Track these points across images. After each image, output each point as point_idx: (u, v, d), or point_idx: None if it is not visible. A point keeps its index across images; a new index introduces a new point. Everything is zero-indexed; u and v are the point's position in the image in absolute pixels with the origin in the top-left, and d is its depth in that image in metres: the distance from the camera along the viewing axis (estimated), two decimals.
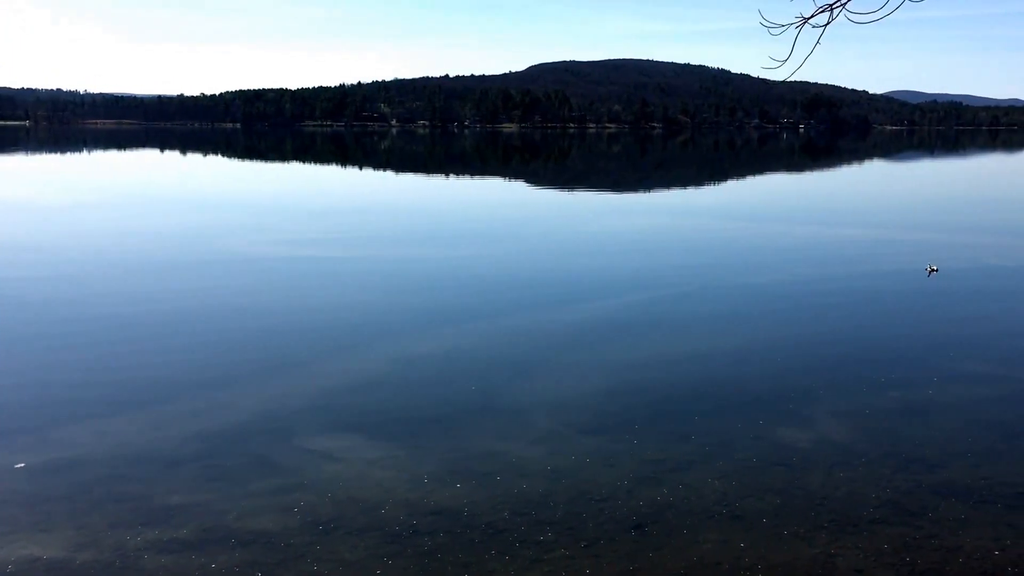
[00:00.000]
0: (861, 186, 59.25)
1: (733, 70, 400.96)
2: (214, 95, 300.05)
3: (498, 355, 13.96)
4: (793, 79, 7.05)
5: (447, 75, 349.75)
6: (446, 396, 11.83)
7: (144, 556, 7.63)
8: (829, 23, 6.53)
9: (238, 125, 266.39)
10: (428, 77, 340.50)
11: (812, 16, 6.50)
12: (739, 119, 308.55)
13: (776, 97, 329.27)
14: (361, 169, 73.32)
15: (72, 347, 14.03)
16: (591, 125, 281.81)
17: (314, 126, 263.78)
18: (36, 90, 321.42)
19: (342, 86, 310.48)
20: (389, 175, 66.87)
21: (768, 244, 27.32)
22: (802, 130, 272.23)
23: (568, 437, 10.39)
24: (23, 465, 9.45)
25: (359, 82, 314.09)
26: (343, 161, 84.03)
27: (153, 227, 29.65)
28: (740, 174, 71.03)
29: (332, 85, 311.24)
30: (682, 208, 40.93)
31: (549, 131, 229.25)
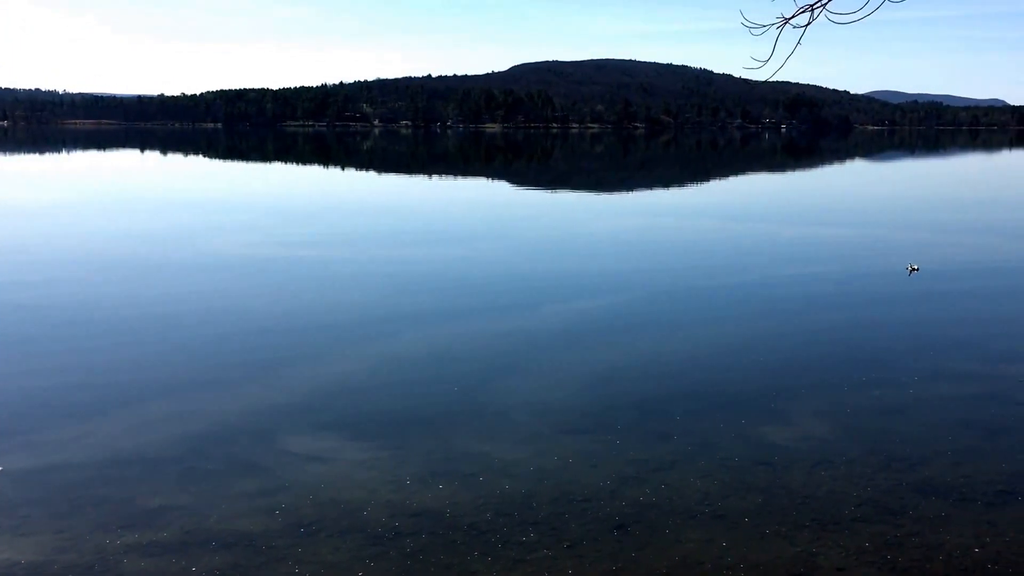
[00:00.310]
0: (842, 186, 59.56)
1: (715, 70, 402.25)
2: (195, 95, 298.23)
3: (481, 356, 13.95)
4: (775, 79, 7.06)
5: (429, 75, 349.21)
6: (428, 397, 11.81)
7: (124, 559, 7.57)
8: (810, 23, 6.57)
9: (219, 125, 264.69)
10: (411, 77, 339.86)
11: (793, 16, 6.54)
12: (721, 119, 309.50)
13: (758, 97, 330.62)
14: (343, 170, 73.14)
15: (52, 349, 13.92)
16: (574, 125, 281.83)
17: (296, 126, 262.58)
18: (14, 90, 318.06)
19: (324, 86, 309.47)
20: (372, 176, 66.76)
21: (749, 244, 27.42)
22: (784, 130, 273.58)
23: (550, 437, 10.38)
24: (1, 469, 9.35)
25: (341, 82, 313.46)
26: (325, 162, 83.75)
27: (131, 229, 29.43)
28: (722, 174, 71.31)
29: (314, 85, 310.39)
30: (665, 208, 41.04)
31: (532, 131, 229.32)
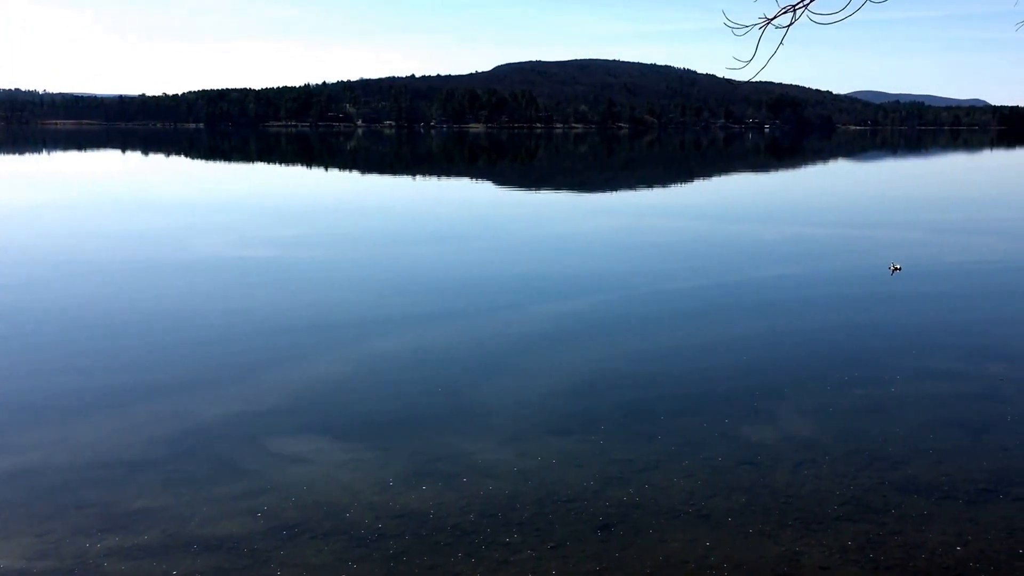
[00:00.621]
0: (824, 186, 59.85)
1: (699, 70, 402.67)
2: (176, 95, 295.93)
3: (464, 356, 13.93)
4: (758, 79, 7.08)
5: (413, 75, 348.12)
6: (411, 398, 11.77)
7: (105, 563, 7.50)
8: (792, 24, 6.58)
9: (201, 125, 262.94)
10: (394, 77, 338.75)
11: (775, 17, 6.55)
12: (705, 119, 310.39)
13: (741, 97, 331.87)
14: (327, 170, 72.88)
15: (31, 351, 13.80)
16: (558, 125, 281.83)
17: (279, 126, 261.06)
18: None
19: (307, 86, 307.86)
20: (355, 176, 66.55)
21: (732, 243, 27.51)
22: (767, 130, 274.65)
23: (534, 438, 10.37)
24: None
25: (324, 82, 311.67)
26: (308, 162, 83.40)
27: (113, 229, 29.27)
28: (706, 174, 71.52)
29: (297, 85, 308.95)
30: (648, 208, 41.09)
31: (516, 131, 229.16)
